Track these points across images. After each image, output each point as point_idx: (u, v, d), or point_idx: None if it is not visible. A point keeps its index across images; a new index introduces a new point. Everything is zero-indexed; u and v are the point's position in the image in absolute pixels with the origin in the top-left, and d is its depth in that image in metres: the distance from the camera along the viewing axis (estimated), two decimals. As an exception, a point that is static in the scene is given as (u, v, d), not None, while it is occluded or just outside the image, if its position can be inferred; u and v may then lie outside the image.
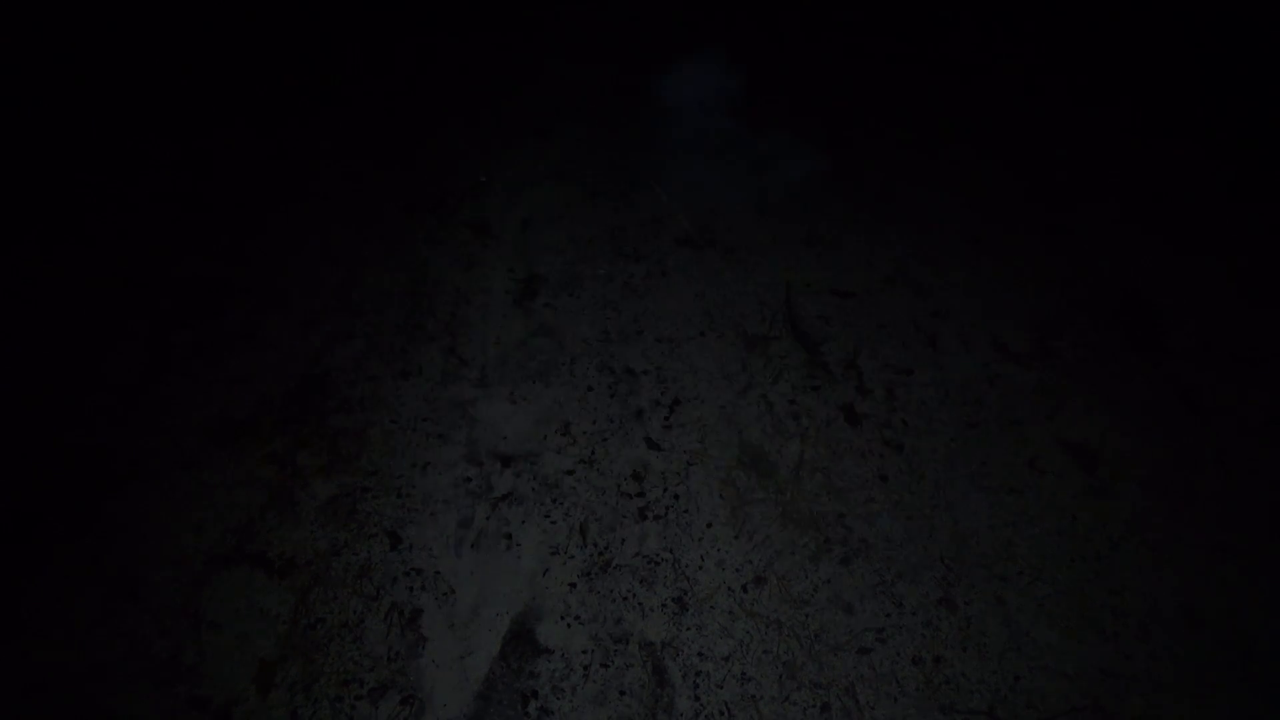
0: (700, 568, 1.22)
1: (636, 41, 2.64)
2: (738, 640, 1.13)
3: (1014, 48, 2.69)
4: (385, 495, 1.29)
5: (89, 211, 1.81)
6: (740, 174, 2.06)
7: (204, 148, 2.03)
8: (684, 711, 1.05)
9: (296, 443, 1.36)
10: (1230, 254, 1.86)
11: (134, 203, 1.84)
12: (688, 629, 1.14)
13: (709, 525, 1.27)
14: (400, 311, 1.62)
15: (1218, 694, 1.10)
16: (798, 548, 1.25)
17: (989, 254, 1.84)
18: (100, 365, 1.46)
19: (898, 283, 1.75)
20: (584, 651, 1.11)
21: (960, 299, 1.71)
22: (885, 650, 1.13)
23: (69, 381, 1.43)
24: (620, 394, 1.48)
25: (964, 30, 2.77)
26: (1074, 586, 1.22)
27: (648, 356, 1.55)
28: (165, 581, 1.16)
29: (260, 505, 1.26)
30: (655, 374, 1.52)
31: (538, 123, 2.22)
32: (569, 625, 1.14)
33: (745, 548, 1.25)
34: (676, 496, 1.31)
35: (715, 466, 1.36)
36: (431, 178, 1.99)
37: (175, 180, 1.92)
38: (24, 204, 1.82)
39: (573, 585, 1.19)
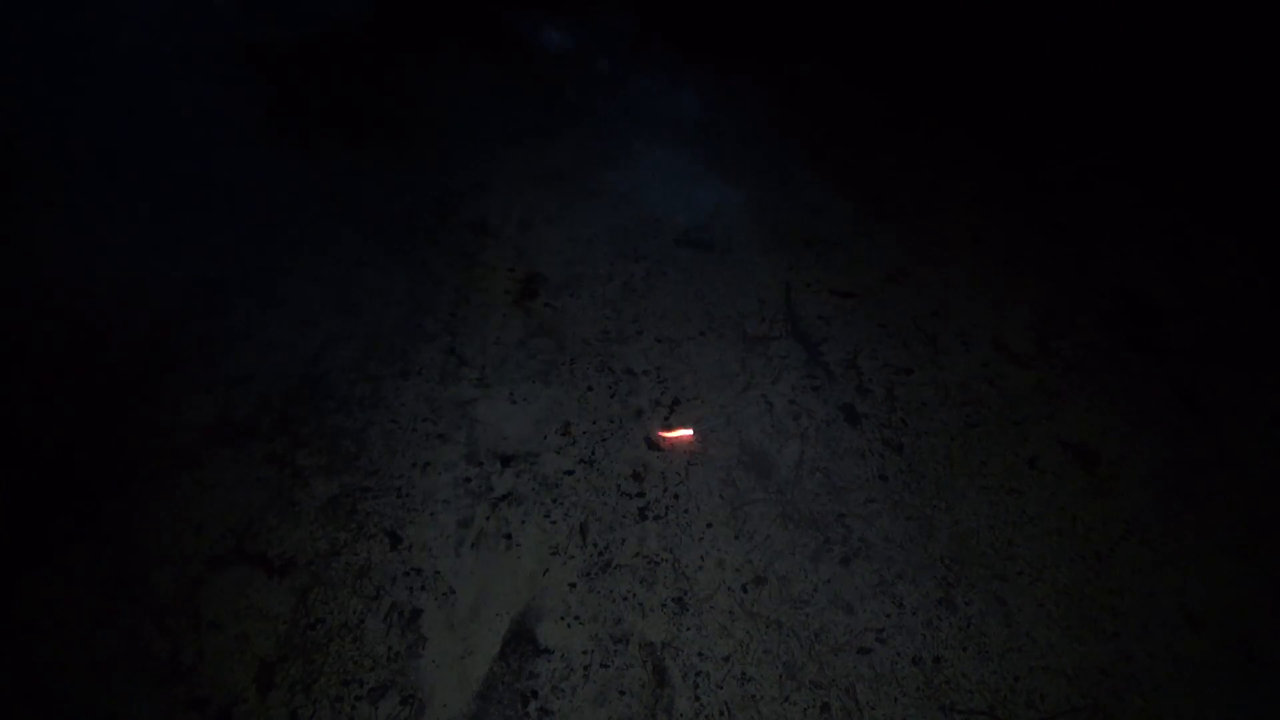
0: (700, 568, 1.22)
1: (635, 41, 2.64)
2: (738, 640, 1.13)
3: (1015, 46, 2.69)
4: (385, 495, 1.29)
5: (89, 212, 1.81)
6: (739, 173, 2.06)
7: (202, 147, 2.03)
8: (684, 712, 1.05)
9: (296, 443, 1.36)
10: (1231, 254, 1.86)
11: (134, 203, 1.84)
12: (688, 629, 1.14)
13: (709, 525, 1.27)
14: (400, 311, 1.61)
15: (1218, 694, 1.10)
16: (798, 548, 1.25)
17: (989, 254, 1.84)
18: (100, 365, 1.46)
19: (898, 282, 1.75)
20: (584, 652, 1.11)
21: (960, 299, 1.71)
22: (885, 650, 1.13)
23: (69, 381, 1.43)
24: (620, 394, 1.48)
25: (963, 28, 2.77)
26: (1074, 586, 1.22)
27: (648, 356, 1.55)
28: (165, 581, 1.16)
29: (260, 505, 1.26)
30: (655, 374, 1.52)
31: (538, 122, 2.22)
32: (569, 625, 1.14)
33: (745, 548, 1.24)
34: (676, 496, 1.31)
35: (715, 466, 1.36)
36: (432, 178, 1.99)
37: (175, 180, 1.92)
38: (24, 203, 1.82)
39: (573, 585, 1.19)
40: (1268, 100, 2.42)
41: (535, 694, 1.06)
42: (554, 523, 1.27)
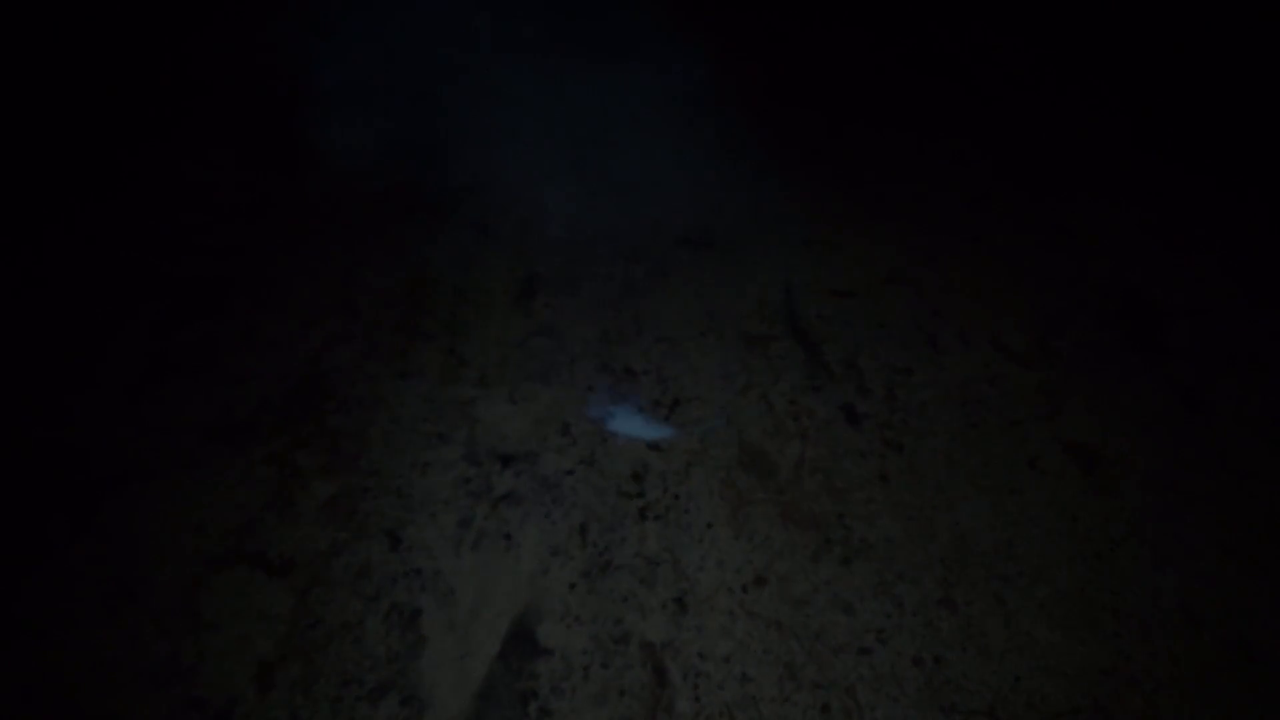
0: (700, 568, 1.22)
1: (633, 39, 2.64)
2: (738, 641, 1.13)
3: (1014, 47, 2.69)
4: (385, 495, 1.29)
5: (90, 212, 1.81)
6: (740, 173, 2.06)
7: (204, 147, 2.03)
8: (684, 712, 1.05)
9: (296, 443, 1.36)
10: (1230, 253, 1.86)
11: (134, 202, 1.84)
12: (688, 629, 1.14)
13: (709, 525, 1.27)
14: (400, 311, 1.61)
15: (1218, 694, 1.10)
16: (798, 548, 1.25)
17: (989, 253, 1.84)
18: (100, 365, 1.46)
19: (898, 283, 1.75)
20: (584, 652, 1.11)
21: (960, 299, 1.71)
22: (886, 651, 1.13)
23: (69, 381, 1.43)
24: (620, 394, 1.47)
25: (963, 29, 2.77)
26: (1074, 586, 1.22)
27: (648, 356, 1.55)
28: (165, 581, 1.16)
29: (260, 505, 1.26)
30: (655, 374, 1.52)
31: (537, 121, 2.22)
32: (569, 626, 1.14)
33: (745, 548, 1.24)
34: (676, 496, 1.31)
35: (715, 466, 1.36)
36: (431, 177, 1.99)
37: (176, 180, 1.92)
38: (24, 203, 1.82)
39: (573, 585, 1.19)
40: (1266, 102, 2.42)
41: (535, 694, 1.06)
42: (554, 523, 1.27)
